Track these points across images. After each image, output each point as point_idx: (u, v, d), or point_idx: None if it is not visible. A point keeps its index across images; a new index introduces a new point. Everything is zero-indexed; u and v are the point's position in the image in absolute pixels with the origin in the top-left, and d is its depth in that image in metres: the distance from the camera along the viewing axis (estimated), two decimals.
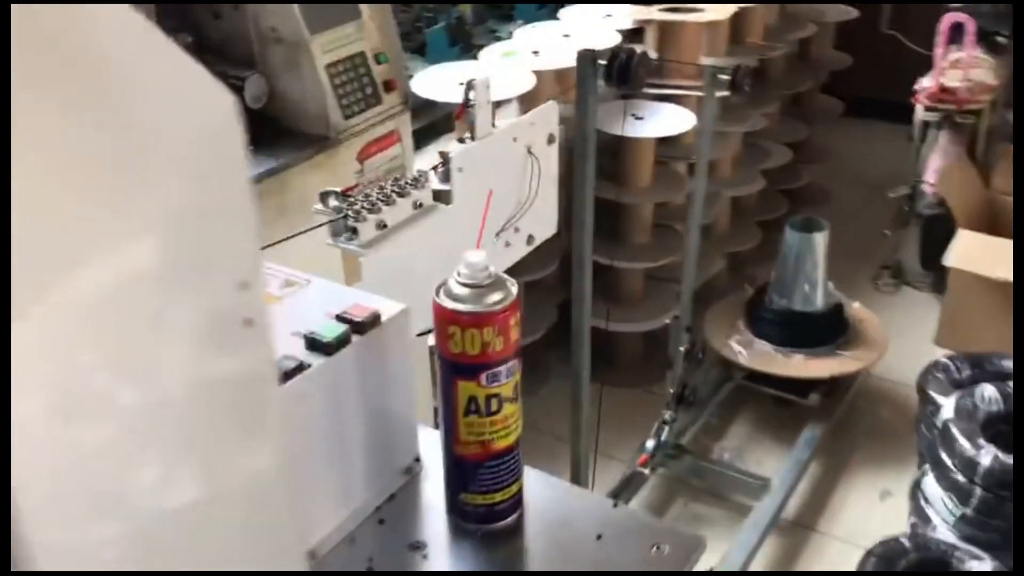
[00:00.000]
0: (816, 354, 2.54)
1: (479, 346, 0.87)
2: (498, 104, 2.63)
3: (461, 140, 1.31)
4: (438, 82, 2.43)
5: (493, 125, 1.35)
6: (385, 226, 1.18)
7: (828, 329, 2.59)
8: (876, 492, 2.42)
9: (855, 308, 2.69)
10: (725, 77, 1.95)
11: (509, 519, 0.97)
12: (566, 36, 2.73)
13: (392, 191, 1.20)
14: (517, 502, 0.97)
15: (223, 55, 1.83)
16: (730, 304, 2.75)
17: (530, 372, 2.87)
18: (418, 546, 0.95)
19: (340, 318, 0.94)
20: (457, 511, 0.96)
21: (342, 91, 1.84)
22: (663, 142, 2.75)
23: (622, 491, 2.21)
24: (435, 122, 2.47)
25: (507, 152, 1.37)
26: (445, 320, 0.87)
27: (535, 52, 2.55)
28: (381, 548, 0.94)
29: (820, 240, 2.51)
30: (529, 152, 1.41)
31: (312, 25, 1.77)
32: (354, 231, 1.15)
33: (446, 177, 1.27)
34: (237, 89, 1.75)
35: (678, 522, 2.35)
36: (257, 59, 1.81)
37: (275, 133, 1.82)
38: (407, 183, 1.23)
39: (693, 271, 2.25)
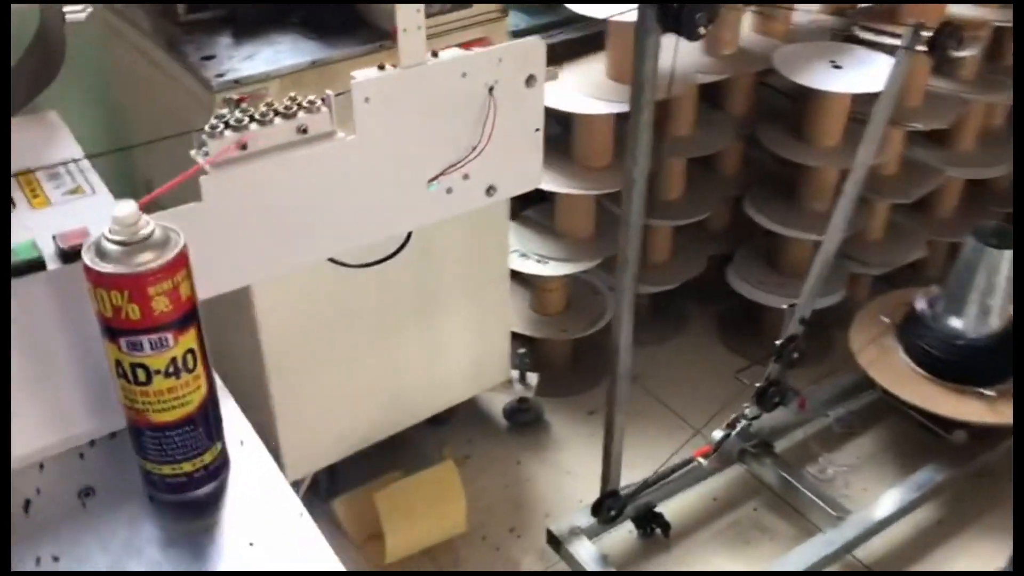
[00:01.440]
0: (968, 392, 2.11)
1: (110, 309, 0.78)
2: None
3: (381, 67, 1.17)
4: None
5: (435, 55, 1.19)
6: (245, 147, 1.09)
7: (994, 365, 2.13)
8: (988, 566, 2.01)
9: None
10: (926, 34, 1.61)
11: (192, 493, 0.89)
12: None
13: (274, 111, 1.11)
14: (196, 480, 0.89)
15: None
16: (895, 303, 2.34)
17: (660, 322, 2.66)
18: (87, 492, 0.90)
19: (56, 241, 0.88)
20: (140, 472, 0.90)
21: None
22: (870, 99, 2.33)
23: (667, 476, 2.00)
24: (587, 37, 2.27)
25: (452, 88, 1.21)
26: (85, 275, 0.79)
27: None
28: (56, 482, 0.91)
29: (1006, 258, 2.04)
30: (490, 92, 1.24)
31: None
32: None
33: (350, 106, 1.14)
34: None
35: (733, 528, 2.11)
36: None
37: (349, 22, 1.75)
38: (299, 104, 1.12)
39: (831, 253, 1.90)
